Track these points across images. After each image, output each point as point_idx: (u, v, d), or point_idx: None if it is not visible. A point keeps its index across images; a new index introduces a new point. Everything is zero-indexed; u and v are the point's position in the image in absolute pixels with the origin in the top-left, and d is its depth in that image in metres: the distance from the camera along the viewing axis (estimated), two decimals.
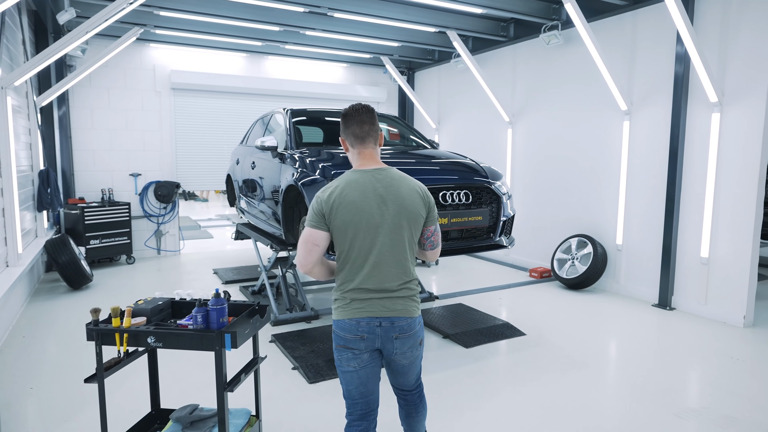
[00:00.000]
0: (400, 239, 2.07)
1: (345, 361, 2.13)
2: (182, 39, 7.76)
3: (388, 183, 2.08)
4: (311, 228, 2.06)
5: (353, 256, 2.06)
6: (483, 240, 3.97)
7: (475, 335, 4.61)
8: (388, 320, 2.08)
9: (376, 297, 2.08)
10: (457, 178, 3.93)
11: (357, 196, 2.03)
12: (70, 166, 7.49)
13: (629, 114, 5.87)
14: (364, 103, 2.18)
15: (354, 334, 2.08)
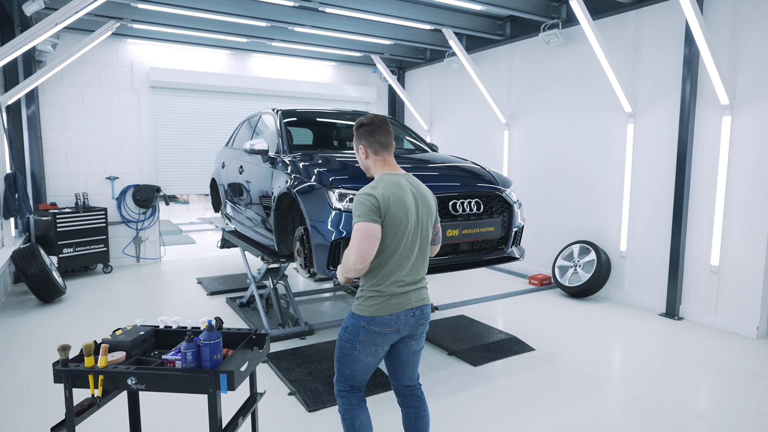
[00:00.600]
0: (426, 236, 2.33)
1: (365, 354, 2.26)
2: (162, 34, 7.32)
3: (417, 186, 2.33)
4: (370, 222, 2.12)
5: (399, 252, 2.20)
6: (495, 252, 3.68)
7: (482, 351, 4.32)
8: (419, 309, 2.30)
9: (412, 289, 2.27)
10: (467, 185, 3.64)
11: (404, 196, 2.21)
12: (40, 169, 6.99)
13: (633, 116, 5.66)
14: (383, 115, 2.41)
15: (392, 328, 2.23)
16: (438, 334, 4.72)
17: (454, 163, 4.09)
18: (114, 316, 5.27)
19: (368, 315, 2.21)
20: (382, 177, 2.26)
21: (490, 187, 3.73)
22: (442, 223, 3.36)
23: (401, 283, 2.23)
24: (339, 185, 3.41)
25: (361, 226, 2.12)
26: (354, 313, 2.26)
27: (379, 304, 2.20)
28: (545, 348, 4.47)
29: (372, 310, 2.20)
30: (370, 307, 2.21)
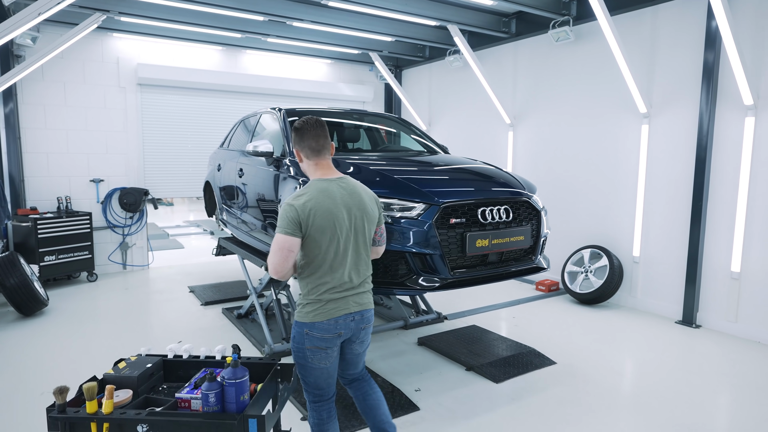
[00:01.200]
0: (364, 240, 2.33)
1: (317, 360, 2.29)
2: (151, 28, 6.92)
3: (351, 190, 2.32)
4: (287, 235, 2.14)
5: (329, 259, 2.23)
6: (523, 263, 3.43)
7: (501, 366, 4.08)
8: (359, 314, 2.34)
9: (350, 294, 2.30)
10: (495, 191, 3.38)
11: (330, 204, 2.20)
12: (19, 171, 6.54)
13: (648, 117, 5.48)
14: (315, 117, 2.36)
15: (333, 333, 2.27)
16: (453, 347, 4.46)
17: (476, 167, 3.83)
18: (101, 331, 4.90)
19: (308, 321, 2.24)
20: (311, 183, 2.28)
21: (518, 192, 3.48)
22: (470, 232, 3.10)
23: (337, 289, 2.26)
24: None
25: (278, 238, 2.16)
26: (297, 321, 2.29)
27: (317, 310, 2.24)
28: (566, 361, 4.24)
29: (311, 317, 2.24)
30: (309, 314, 2.25)
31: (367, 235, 2.34)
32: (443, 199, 3.11)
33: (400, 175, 3.47)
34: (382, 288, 3.08)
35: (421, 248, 3.00)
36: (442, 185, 3.32)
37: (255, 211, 4.54)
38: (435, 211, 3.03)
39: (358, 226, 2.30)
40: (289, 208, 2.16)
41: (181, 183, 7.81)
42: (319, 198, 2.19)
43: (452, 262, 3.08)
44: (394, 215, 3.05)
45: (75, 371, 3.95)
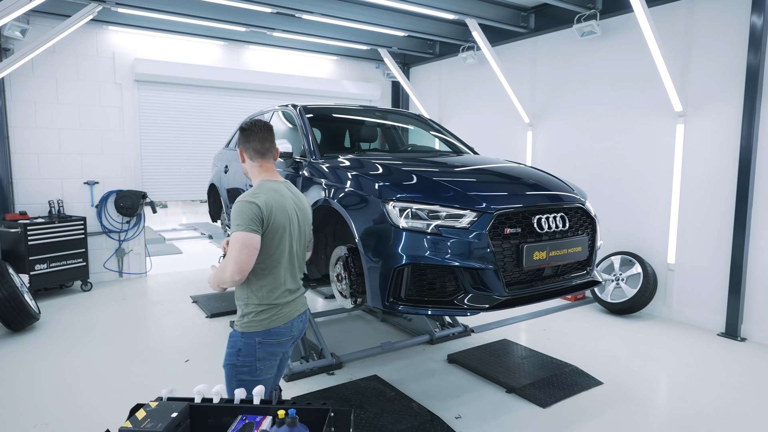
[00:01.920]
0: (303, 243, 2.36)
1: (266, 370, 2.22)
2: (149, 21, 6.49)
3: (296, 194, 2.36)
4: (249, 232, 2.07)
5: (284, 260, 2.21)
6: (579, 276, 3.08)
7: (545, 387, 3.71)
8: (304, 314, 2.37)
9: (296, 296, 2.31)
10: (549, 197, 3.03)
11: (284, 203, 2.21)
12: (7, 173, 6.08)
13: (684, 116, 5.16)
14: (263, 120, 2.37)
15: (288, 336, 2.26)
16: (487, 364, 4.09)
17: (519, 170, 3.46)
18: (99, 349, 4.47)
19: (262, 329, 2.17)
20: (262, 183, 2.23)
21: (572, 198, 3.13)
22: (527, 243, 2.74)
23: (288, 291, 2.25)
24: (401, 198, 2.75)
25: (240, 236, 2.06)
26: (244, 333, 2.18)
27: (273, 315, 2.19)
28: (613, 380, 3.89)
29: (267, 323, 2.18)
30: (263, 321, 2.18)
31: (304, 240, 2.37)
32: (495, 205, 2.74)
33: (440, 178, 3.11)
34: (426, 308, 2.71)
35: (473, 262, 2.63)
36: (489, 189, 2.97)
37: None
38: (488, 220, 2.67)
39: (303, 230, 2.34)
40: (250, 206, 2.09)
41: (181, 185, 7.38)
42: (275, 196, 2.18)
43: (507, 278, 2.71)
44: (439, 224, 2.67)
45: (73, 397, 3.54)
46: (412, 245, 2.65)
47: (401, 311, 2.71)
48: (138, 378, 3.88)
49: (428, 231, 2.66)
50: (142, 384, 3.78)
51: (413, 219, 2.70)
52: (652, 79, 5.31)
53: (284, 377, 3.85)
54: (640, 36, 5.32)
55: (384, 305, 2.70)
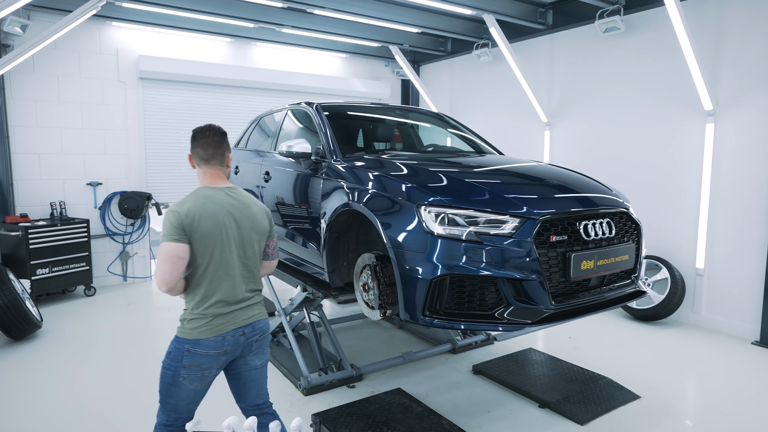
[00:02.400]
0: (252, 252, 2.26)
1: (190, 380, 2.14)
2: (154, 16, 6.27)
3: (240, 200, 2.25)
4: (173, 242, 2.04)
5: (213, 269, 2.14)
6: (625, 286, 2.86)
7: (580, 402, 3.50)
8: (249, 327, 2.24)
9: (237, 308, 2.20)
10: (594, 200, 2.81)
11: (215, 210, 2.14)
12: (7, 174, 5.86)
13: (714, 115, 4.95)
14: (215, 126, 2.33)
15: (219, 350, 2.15)
16: (515, 376, 3.88)
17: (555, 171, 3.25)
18: (105, 358, 4.25)
19: (192, 338, 2.11)
20: (196, 191, 2.21)
21: (617, 202, 2.92)
22: (574, 252, 2.52)
23: (224, 303, 2.16)
24: (436, 202, 2.54)
25: (163, 246, 2.05)
26: (178, 337, 2.15)
27: (203, 326, 2.12)
28: (650, 394, 3.68)
29: (196, 333, 2.11)
30: (193, 330, 2.11)
31: (256, 246, 2.27)
32: (539, 210, 2.53)
33: (476, 180, 2.89)
34: (465, 322, 2.49)
35: (518, 272, 2.41)
36: (530, 193, 2.74)
37: (285, 220, 3.93)
38: (533, 226, 2.45)
39: (245, 237, 2.22)
40: (171, 215, 2.08)
41: (187, 186, 7.15)
42: (203, 204, 2.13)
43: (553, 289, 2.50)
44: (478, 230, 2.46)
45: (79, 412, 3.32)
46: (450, 254, 2.44)
47: (437, 325, 2.50)
48: (147, 392, 3.65)
49: (467, 238, 2.44)
50: (152, 399, 3.55)
51: (450, 225, 2.48)
52: (680, 77, 5.10)
53: (302, 391, 3.64)
54: (666, 31, 5.12)
55: (420, 319, 2.48)
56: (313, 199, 3.44)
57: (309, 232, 3.54)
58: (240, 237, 2.20)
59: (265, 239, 2.34)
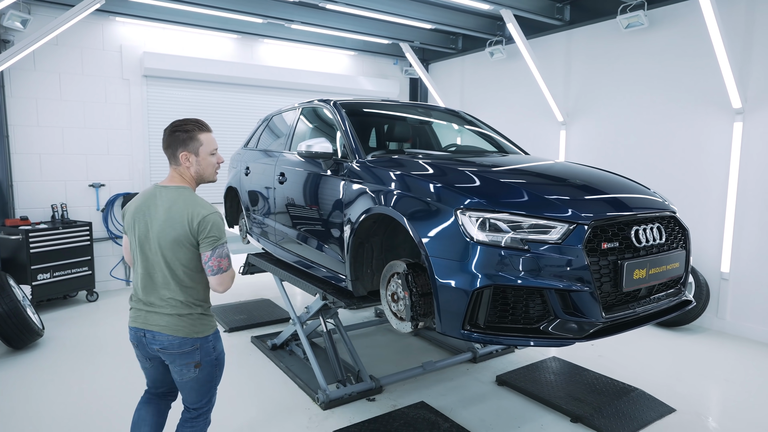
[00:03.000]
0: (172, 257, 2.15)
1: (138, 359, 2.35)
2: (159, 11, 6.07)
3: (170, 202, 2.16)
4: (124, 234, 2.30)
5: (136, 265, 2.22)
6: (674, 296, 2.68)
7: (615, 417, 3.32)
8: (150, 333, 2.18)
9: (144, 309, 2.19)
10: (643, 203, 2.63)
11: (140, 207, 2.19)
12: (7, 175, 5.65)
13: (743, 113, 4.78)
14: (173, 122, 2.23)
15: (134, 341, 2.27)
16: (542, 387, 3.69)
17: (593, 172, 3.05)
18: (110, 368, 4.05)
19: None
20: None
21: (664, 205, 2.73)
22: (627, 260, 2.33)
23: (135, 297, 2.25)
24: (476, 206, 2.35)
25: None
26: None
27: (130, 314, 2.27)
28: (685, 406, 3.50)
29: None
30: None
31: (168, 253, 2.13)
32: (588, 214, 2.34)
33: (514, 181, 2.70)
34: (505, 336, 2.30)
35: (567, 282, 2.23)
36: (574, 196, 2.56)
37: (302, 224, 3.73)
38: (583, 232, 2.26)
39: (158, 240, 2.13)
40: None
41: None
42: (139, 200, 2.21)
43: (603, 300, 2.31)
44: (524, 237, 2.27)
45: (84, 426, 3.12)
46: (493, 262, 2.25)
47: (476, 340, 2.31)
48: None
49: (511, 245, 2.25)
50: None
51: (492, 231, 2.30)
52: (707, 74, 4.93)
53: (320, 405, 3.45)
54: (693, 26, 4.96)
55: (460, 333, 2.29)
56: (333, 202, 3.25)
57: (326, 236, 3.35)
58: (152, 238, 2.15)
59: (184, 248, 2.11)
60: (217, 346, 2.29)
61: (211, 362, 2.24)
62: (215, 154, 2.28)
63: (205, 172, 2.27)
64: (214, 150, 2.28)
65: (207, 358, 2.22)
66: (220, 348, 2.31)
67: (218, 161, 2.29)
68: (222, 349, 2.32)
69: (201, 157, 2.23)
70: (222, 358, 2.32)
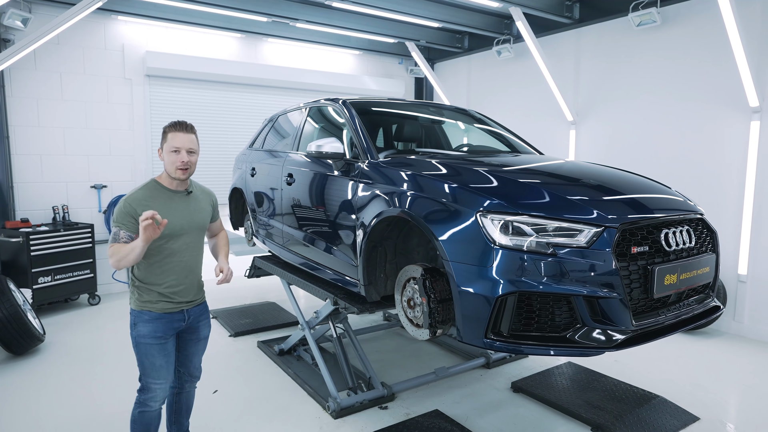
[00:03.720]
0: None
1: None
2: (162, 9, 5.97)
3: None
4: None
5: None
6: (703, 302, 2.57)
7: (638, 425, 3.20)
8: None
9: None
10: (669, 205, 2.52)
11: None
12: (7, 176, 5.55)
13: (760, 111, 4.66)
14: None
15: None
16: (559, 394, 3.58)
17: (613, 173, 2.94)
18: (113, 374, 3.94)
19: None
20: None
21: (692, 207, 2.62)
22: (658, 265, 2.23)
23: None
24: (498, 209, 2.24)
25: None
26: None
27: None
28: (709, 414, 3.39)
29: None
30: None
31: None
32: (616, 216, 2.23)
33: (537, 182, 2.59)
34: (530, 345, 2.19)
35: (595, 289, 2.11)
36: (600, 197, 2.44)
37: (311, 226, 3.62)
38: (612, 236, 2.15)
39: None
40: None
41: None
42: None
43: (633, 307, 2.20)
44: (550, 241, 2.16)
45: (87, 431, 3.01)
46: (517, 268, 2.13)
47: (499, 349, 2.20)
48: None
49: (536, 250, 2.14)
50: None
51: (516, 235, 2.18)
52: (723, 72, 4.82)
53: (331, 413, 3.33)
54: (708, 23, 4.85)
55: (482, 342, 2.18)
56: (344, 204, 3.14)
57: (337, 239, 3.24)
58: None
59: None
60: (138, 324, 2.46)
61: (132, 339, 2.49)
62: (179, 152, 2.40)
63: (166, 166, 2.45)
64: (175, 148, 2.39)
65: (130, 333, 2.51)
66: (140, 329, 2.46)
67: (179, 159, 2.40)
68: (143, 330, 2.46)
69: (165, 152, 2.44)
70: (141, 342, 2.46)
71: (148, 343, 2.42)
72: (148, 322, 2.43)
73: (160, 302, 2.44)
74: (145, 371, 2.46)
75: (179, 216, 2.47)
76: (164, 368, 2.47)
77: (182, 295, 2.50)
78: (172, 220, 2.39)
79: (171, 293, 2.46)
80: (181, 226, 2.46)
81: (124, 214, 2.34)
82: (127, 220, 2.33)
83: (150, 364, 2.44)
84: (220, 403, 3.53)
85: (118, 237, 2.33)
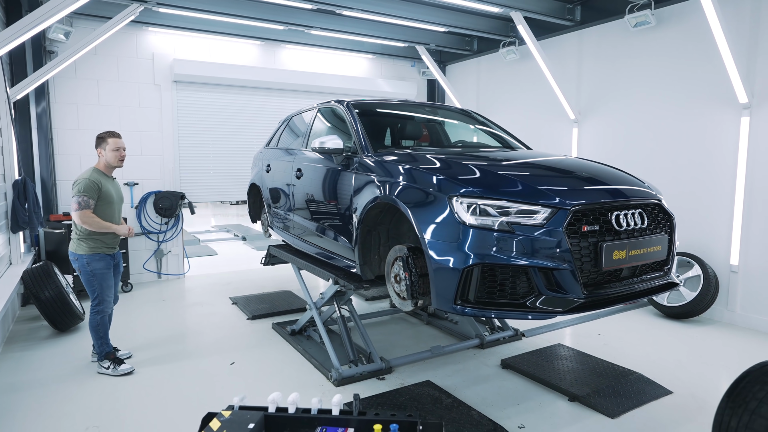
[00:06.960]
0: None
1: None
2: (188, 20, 6.49)
3: None
4: None
5: None
6: (658, 278, 2.86)
7: (611, 396, 3.49)
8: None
9: None
10: (625, 191, 2.82)
11: None
12: (50, 174, 6.15)
13: (749, 108, 4.85)
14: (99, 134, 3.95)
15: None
16: (544, 371, 3.88)
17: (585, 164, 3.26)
18: (143, 351, 4.42)
19: None
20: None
21: (648, 193, 2.92)
22: (606, 242, 2.54)
23: None
24: (467, 193, 2.59)
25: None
26: None
27: None
28: (683, 390, 3.64)
29: None
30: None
31: None
32: (570, 201, 2.55)
33: (506, 172, 2.93)
34: (494, 310, 2.53)
35: (549, 261, 2.44)
36: (560, 184, 2.77)
37: (318, 216, 4.03)
38: (564, 217, 2.48)
39: None
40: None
41: (219, 186, 7.37)
42: None
43: (584, 279, 2.52)
44: (510, 220, 2.50)
45: (123, 399, 3.47)
46: (482, 244, 2.48)
47: (468, 314, 2.55)
48: (186, 381, 3.80)
49: (498, 228, 2.49)
50: (191, 387, 3.69)
51: (481, 216, 2.53)
52: (714, 70, 5.02)
53: (333, 382, 3.72)
54: (699, 24, 5.06)
55: (452, 308, 2.54)
56: (344, 194, 3.53)
57: (340, 226, 3.63)
58: None
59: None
60: (91, 263, 3.76)
61: (85, 273, 3.78)
62: (118, 150, 3.89)
63: (109, 160, 3.88)
64: (117, 147, 3.87)
65: (82, 269, 3.79)
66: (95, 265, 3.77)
67: (120, 154, 3.94)
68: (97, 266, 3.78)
69: (107, 150, 3.84)
70: (97, 273, 3.79)
71: (104, 272, 3.82)
72: (100, 260, 3.79)
73: (104, 247, 3.81)
74: (102, 291, 3.82)
75: (115, 191, 3.94)
76: (111, 287, 3.91)
77: (114, 243, 3.93)
78: (112, 193, 3.88)
79: (110, 241, 3.86)
80: (117, 198, 3.95)
81: (92, 189, 3.69)
82: (93, 193, 3.69)
83: (107, 286, 3.85)
84: (237, 374, 3.96)
85: (89, 204, 3.66)
